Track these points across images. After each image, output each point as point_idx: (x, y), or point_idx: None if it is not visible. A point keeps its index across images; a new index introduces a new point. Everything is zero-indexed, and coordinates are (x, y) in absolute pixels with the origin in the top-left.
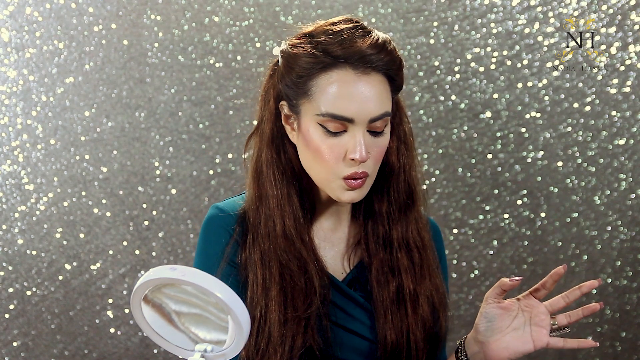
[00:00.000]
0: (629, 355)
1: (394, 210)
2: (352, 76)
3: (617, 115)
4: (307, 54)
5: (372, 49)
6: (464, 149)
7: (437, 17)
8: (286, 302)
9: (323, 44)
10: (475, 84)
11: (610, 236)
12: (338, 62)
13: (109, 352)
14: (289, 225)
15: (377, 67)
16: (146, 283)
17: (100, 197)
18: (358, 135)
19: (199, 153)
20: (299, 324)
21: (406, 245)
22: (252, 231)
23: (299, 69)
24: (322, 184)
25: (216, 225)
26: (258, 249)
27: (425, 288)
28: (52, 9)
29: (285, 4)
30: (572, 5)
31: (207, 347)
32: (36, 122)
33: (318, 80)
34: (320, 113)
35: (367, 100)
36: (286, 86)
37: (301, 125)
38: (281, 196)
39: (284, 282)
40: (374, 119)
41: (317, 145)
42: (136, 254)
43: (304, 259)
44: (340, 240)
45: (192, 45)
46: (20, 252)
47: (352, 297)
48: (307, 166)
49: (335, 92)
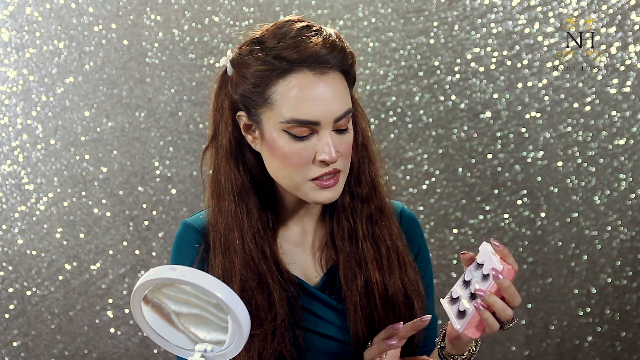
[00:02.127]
0: (629, 355)
1: (356, 203)
2: (311, 78)
3: (617, 115)
4: (261, 62)
5: (326, 48)
6: (464, 149)
7: (437, 17)
8: (250, 318)
9: (275, 49)
10: (475, 84)
11: (610, 236)
12: (295, 66)
13: (109, 352)
14: (247, 240)
15: (333, 65)
16: (146, 283)
17: (100, 197)
18: (325, 137)
19: (199, 153)
20: (265, 339)
21: (372, 237)
22: (213, 247)
23: (254, 78)
24: (293, 189)
25: (183, 242)
26: (219, 264)
27: (395, 278)
28: (52, 9)
29: (285, 4)
30: (572, 5)
31: (207, 347)
32: (36, 122)
33: (277, 87)
34: (284, 120)
35: (330, 101)
36: (242, 96)
37: (264, 134)
38: (239, 210)
39: (244, 298)
40: (339, 118)
41: (285, 152)
42: (136, 254)
43: (264, 274)
44: (311, 243)
45: (192, 45)
46: (20, 252)
47: (323, 300)
48: (275, 173)
49: (297, 97)
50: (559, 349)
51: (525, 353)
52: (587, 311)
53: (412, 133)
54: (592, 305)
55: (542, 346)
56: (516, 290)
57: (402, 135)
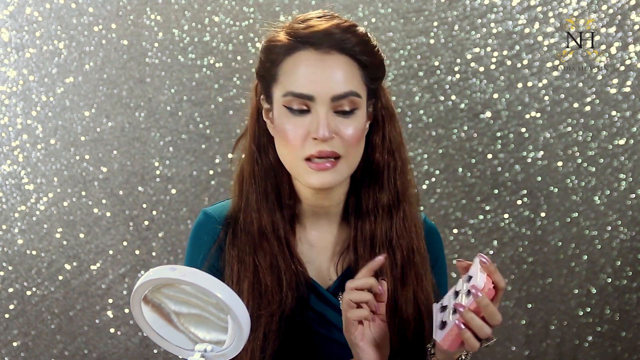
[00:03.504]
0: (629, 355)
1: (378, 209)
2: (314, 55)
3: (617, 115)
4: (275, 41)
5: (337, 28)
6: (464, 149)
7: (437, 17)
8: (259, 298)
9: (290, 28)
10: (475, 84)
11: (610, 236)
12: (301, 44)
13: (109, 352)
14: (264, 221)
15: (342, 48)
16: (146, 283)
17: (100, 197)
18: (321, 114)
19: (199, 153)
20: (271, 321)
21: (388, 244)
22: (234, 235)
23: (268, 54)
24: (292, 170)
25: (202, 232)
26: (236, 245)
27: (408, 290)
28: (52, 9)
29: (285, 4)
30: (572, 5)
31: (207, 347)
32: (36, 122)
33: (284, 64)
34: (283, 93)
35: (328, 78)
36: (260, 77)
37: (273, 114)
38: (259, 192)
39: (255, 278)
40: (337, 97)
41: (282, 127)
42: (136, 254)
43: (276, 255)
44: (329, 245)
45: (192, 45)
46: (20, 252)
47: (332, 304)
48: (280, 154)
49: (297, 71)
50: (559, 349)
51: (525, 353)
52: (587, 311)
53: (412, 133)
54: (592, 305)
55: (542, 346)
56: (496, 310)
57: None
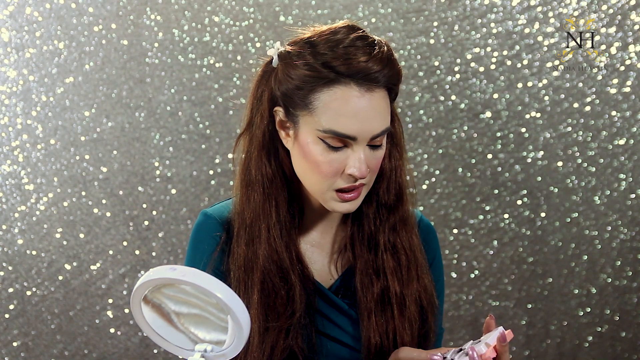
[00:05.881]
0: (629, 355)
1: (381, 212)
2: (356, 93)
3: (617, 115)
4: (309, 67)
5: (377, 64)
6: (464, 149)
7: (437, 17)
8: (267, 310)
9: (325, 56)
10: (475, 84)
11: (610, 236)
12: (342, 78)
13: (109, 352)
14: (273, 234)
15: (381, 83)
16: (146, 283)
17: (100, 197)
18: (359, 152)
19: (199, 153)
20: (279, 333)
21: (392, 247)
22: (236, 236)
23: (299, 81)
24: (315, 193)
25: (203, 233)
26: (242, 254)
27: (412, 289)
28: (52, 9)
29: (285, 4)
30: (572, 5)
31: (207, 347)
32: (36, 122)
33: (320, 95)
34: (323, 129)
35: (371, 118)
36: (284, 94)
37: (299, 136)
38: (268, 204)
39: (264, 290)
40: (376, 136)
41: (316, 159)
42: (136, 254)
43: (287, 269)
44: (329, 244)
45: (192, 45)
46: (20, 252)
47: (337, 305)
48: (302, 175)
49: (339, 109)
50: (559, 349)
51: (525, 353)
52: (587, 311)
53: (412, 133)
54: (592, 305)
55: (542, 346)
56: None
57: None
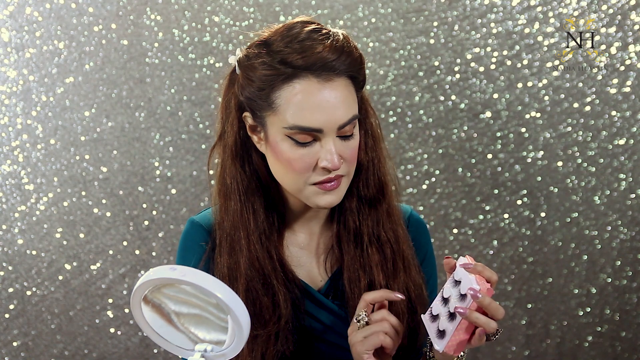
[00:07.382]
0: (629, 355)
1: (363, 205)
2: (315, 85)
3: (617, 115)
4: (266, 66)
5: (333, 53)
6: (464, 149)
7: (437, 17)
8: (253, 318)
9: (281, 53)
10: (475, 84)
11: (610, 236)
12: (299, 72)
13: (109, 352)
14: (253, 240)
15: (340, 71)
16: (146, 283)
17: (100, 197)
18: (329, 144)
19: (199, 153)
20: (268, 340)
21: (377, 240)
22: (219, 246)
23: (259, 81)
24: (295, 192)
25: (190, 241)
26: (225, 264)
27: (399, 282)
28: (52, 9)
29: (285, 4)
30: (572, 5)
31: (207, 347)
32: (36, 122)
33: (281, 92)
34: (288, 126)
35: (334, 108)
36: (248, 98)
37: (269, 137)
38: (245, 210)
39: (249, 298)
40: (343, 125)
41: (288, 157)
42: (136, 254)
43: (269, 275)
44: (317, 246)
45: (192, 45)
46: (20, 252)
47: (326, 306)
48: (279, 176)
49: (300, 104)
50: (559, 349)
51: (525, 353)
52: (587, 311)
53: (412, 133)
54: (592, 305)
55: (542, 346)
56: (497, 304)
57: (402, 135)
